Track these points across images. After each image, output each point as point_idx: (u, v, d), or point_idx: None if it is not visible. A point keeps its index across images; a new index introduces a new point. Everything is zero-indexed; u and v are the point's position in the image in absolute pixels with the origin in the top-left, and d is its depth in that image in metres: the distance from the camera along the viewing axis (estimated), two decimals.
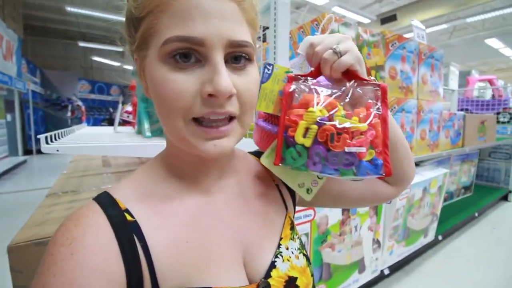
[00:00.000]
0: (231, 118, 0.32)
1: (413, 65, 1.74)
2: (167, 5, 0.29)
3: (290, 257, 0.40)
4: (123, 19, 0.35)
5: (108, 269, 0.29)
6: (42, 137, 0.67)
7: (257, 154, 0.50)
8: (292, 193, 0.48)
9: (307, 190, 0.43)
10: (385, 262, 1.65)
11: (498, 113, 3.32)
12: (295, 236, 0.43)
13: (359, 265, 1.49)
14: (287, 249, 0.40)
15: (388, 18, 6.34)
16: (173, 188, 0.37)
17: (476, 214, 2.53)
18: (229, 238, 0.37)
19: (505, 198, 3.15)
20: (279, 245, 0.40)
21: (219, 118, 0.31)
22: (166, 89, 0.30)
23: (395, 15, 6.33)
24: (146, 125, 1.07)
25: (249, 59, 0.32)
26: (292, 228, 0.44)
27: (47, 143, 0.66)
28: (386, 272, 1.66)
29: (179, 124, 0.31)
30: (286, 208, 0.45)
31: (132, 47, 0.34)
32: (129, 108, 4.46)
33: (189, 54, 0.29)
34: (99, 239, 0.30)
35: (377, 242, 1.56)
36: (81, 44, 9.09)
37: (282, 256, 0.39)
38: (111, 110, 9.24)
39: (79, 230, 0.30)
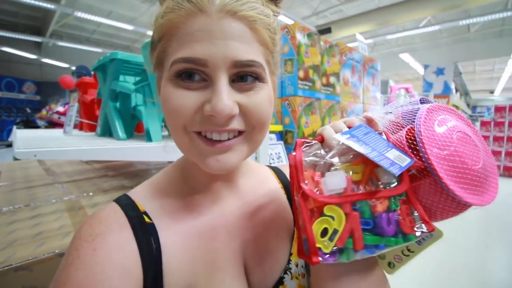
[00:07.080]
0: (239, 133, 0.33)
1: (359, 74, 2.00)
2: (176, 29, 0.30)
3: (298, 275, 0.40)
4: (39, 3, 0.34)
5: (128, 265, 0.30)
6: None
7: (277, 170, 0.50)
8: None
9: (389, 264, 0.38)
10: None
11: None
12: None
13: None
14: (297, 266, 0.40)
15: (324, 30, 7.00)
16: (189, 196, 0.39)
17: None
18: (234, 250, 0.37)
19: None
20: (289, 261, 0.40)
21: (222, 135, 0.31)
22: (169, 104, 0.31)
23: (330, 28, 7.03)
24: (119, 127, 0.98)
25: (257, 78, 0.32)
26: None
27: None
28: None
29: (183, 138, 0.32)
30: None
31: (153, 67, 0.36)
32: (59, 108, 3.85)
33: (193, 73, 0.30)
34: (120, 237, 0.31)
35: None
36: None
37: (291, 273, 0.39)
38: (28, 110, 7.76)
39: (102, 227, 0.31)
